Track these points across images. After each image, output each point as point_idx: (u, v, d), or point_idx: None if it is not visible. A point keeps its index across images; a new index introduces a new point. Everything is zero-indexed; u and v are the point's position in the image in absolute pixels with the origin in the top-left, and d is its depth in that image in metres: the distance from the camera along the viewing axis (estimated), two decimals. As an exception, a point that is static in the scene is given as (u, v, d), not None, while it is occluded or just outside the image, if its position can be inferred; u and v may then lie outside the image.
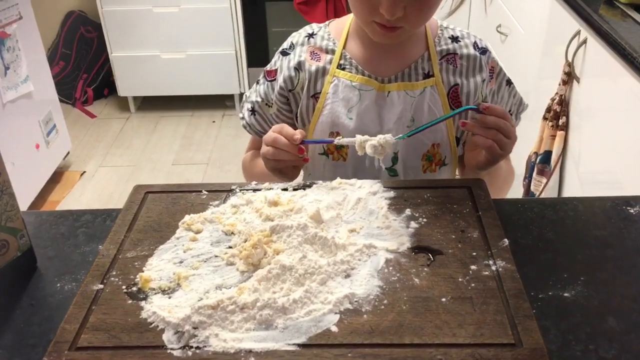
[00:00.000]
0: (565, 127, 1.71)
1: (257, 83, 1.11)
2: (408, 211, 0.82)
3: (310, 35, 1.07)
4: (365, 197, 0.85)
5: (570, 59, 1.66)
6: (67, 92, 3.38)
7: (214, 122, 3.28)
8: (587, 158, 1.62)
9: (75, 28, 3.35)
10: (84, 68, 3.40)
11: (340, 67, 1.02)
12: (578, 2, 1.62)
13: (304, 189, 0.88)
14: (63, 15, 3.38)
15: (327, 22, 1.09)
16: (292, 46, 1.08)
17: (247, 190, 0.88)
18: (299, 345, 0.62)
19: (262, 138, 0.98)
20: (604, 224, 0.85)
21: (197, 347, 0.62)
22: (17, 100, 2.42)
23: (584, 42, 1.59)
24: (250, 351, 0.62)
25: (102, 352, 0.62)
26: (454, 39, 1.04)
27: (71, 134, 2.95)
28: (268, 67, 1.10)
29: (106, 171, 2.90)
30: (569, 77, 1.69)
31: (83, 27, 3.36)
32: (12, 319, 0.71)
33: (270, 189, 0.88)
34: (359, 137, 0.89)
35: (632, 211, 0.86)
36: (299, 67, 1.05)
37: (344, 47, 1.03)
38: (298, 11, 2.94)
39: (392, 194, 0.86)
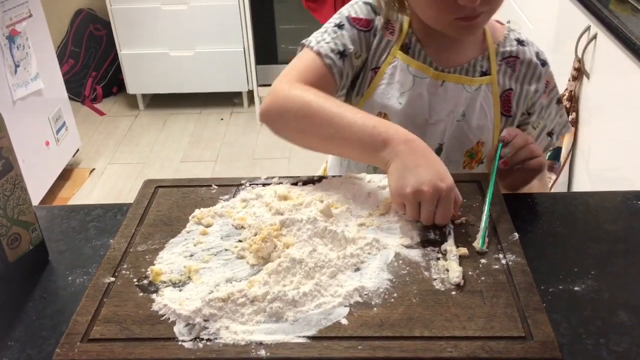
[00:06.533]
0: (575, 123, 1.70)
1: (339, 27, 0.99)
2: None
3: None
4: (375, 191, 0.85)
5: (580, 55, 1.65)
6: (76, 89, 3.40)
7: (222, 119, 3.29)
8: (597, 154, 1.62)
9: (84, 26, 3.37)
10: (93, 66, 3.42)
11: (404, 47, 0.99)
12: (588, -3, 1.61)
13: (314, 184, 0.88)
14: (72, 13, 3.40)
15: None
16: (380, 6, 1.00)
17: (256, 184, 0.88)
18: (309, 337, 0.62)
19: (332, 82, 0.96)
20: (614, 218, 0.84)
21: (208, 339, 0.63)
22: (27, 98, 2.43)
23: (594, 37, 1.58)
24: (260, 343, 0.62)
25: (114, 343, 0.62)
26: (520, 42, 1.03)
27: (80, 132, 2.97)
28: (353, 14, 0.99)
29: (115, 168, 2.91)
30: (579, 73, 1.68)
31: (92, 25, 3.38)
32: (25, 311, 0.71)
33: (280, 183, 0.88)
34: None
35: (643, 206, 0.85)
36: (378, 32, 1.00)
37: (410, 26, 1.00)
38: (306, 8, 2.93)
39: (401, 188, 0.86)
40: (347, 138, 0.84)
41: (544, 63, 1.04)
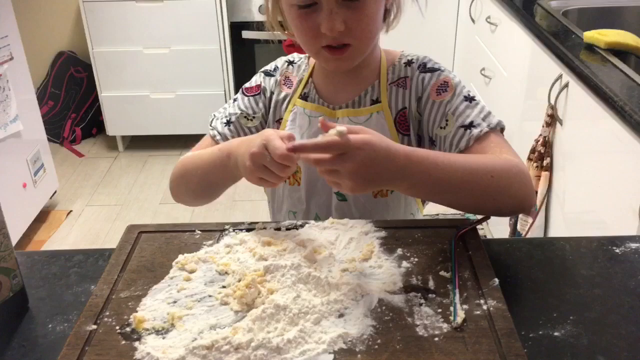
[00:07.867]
0: (550, 168, 1.75)
1: (234, 100, 1.13)
2: (400, 251, 0.83)
3: (290, 63, 1.14)
4: (357, 236, 0.86)
5: (552, 102, 1.71)
6: (55, 131, 3.39)
7: (202, 161, 3.29)
8: (572, 198, 1.65)
9: (65, 68, 3.38)
10: (72, 107, 3.42)
11: (303, 95, 1.08)
12: (559, 47, 1.68)
13: (297, 229, 0.89)
14: (53, 55, 3.41)
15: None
16: (275, 69, 1.14)
17: (240, 230, 0.89)
18: (293, 385, 0.62)
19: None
20: (591, 263, 0.86)
21: (192, 388, 0.62)
22: (6, 140, 2.42)
23: (566, 85, 1.64)
24: (245, 392, 0.62)
25: (96, 393, 0.62)
26: (408, 62, 1.07)
27: (59, 173, 2.95)
28: (247, 85, 1.14)
29: (93, 210, 2.89)
30: (552, 119, 1.73)
31: (73, 68, 3.39)
32: (3, 360, 0.70)
33: (264, 228, 0.89)
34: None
35: (617, 251, 0.87)
36: (273, 90, 1.12)
37: (310, 76, 1.09)
38: (287, 53, 2.99)
39: (383, 233, 0.87)
40: (208, 171, 0.99)
41: (432, 70, 1.04)
